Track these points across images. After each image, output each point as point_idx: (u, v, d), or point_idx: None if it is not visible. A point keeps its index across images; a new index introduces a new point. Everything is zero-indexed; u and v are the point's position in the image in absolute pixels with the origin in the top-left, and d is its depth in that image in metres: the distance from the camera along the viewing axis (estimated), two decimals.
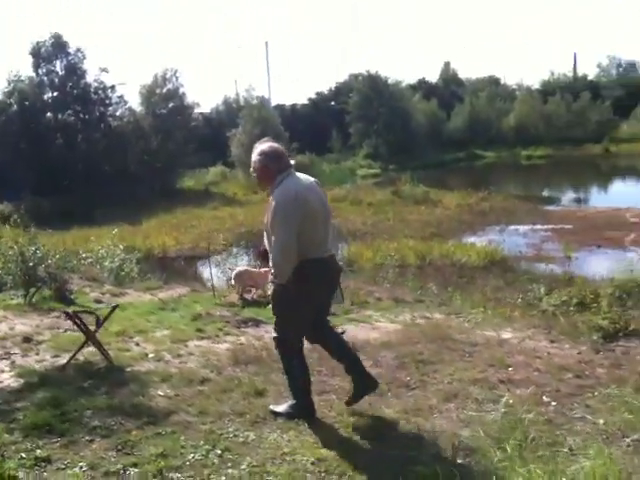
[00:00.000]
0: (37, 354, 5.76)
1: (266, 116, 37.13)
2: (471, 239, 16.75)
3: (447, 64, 68.49)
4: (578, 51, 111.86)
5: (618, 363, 5.12)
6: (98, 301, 8.53)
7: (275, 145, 4.12)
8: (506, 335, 6.27)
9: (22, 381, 4.92)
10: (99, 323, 5.44)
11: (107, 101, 32.64)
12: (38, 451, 3.59)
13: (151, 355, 5.71)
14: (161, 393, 4.60)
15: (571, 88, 56.74)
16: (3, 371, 5.23)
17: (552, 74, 64.69)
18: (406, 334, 6.41)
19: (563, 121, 50.43)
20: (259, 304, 8.56)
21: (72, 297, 8.43)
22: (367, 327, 7.04)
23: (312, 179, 4.19)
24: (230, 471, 3.36)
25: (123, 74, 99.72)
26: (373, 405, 4.29)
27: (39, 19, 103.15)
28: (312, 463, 3.44)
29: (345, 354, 4.31)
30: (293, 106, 60.08)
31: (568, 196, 27.27)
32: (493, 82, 64.95)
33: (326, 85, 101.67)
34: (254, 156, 4.07)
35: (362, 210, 22.60)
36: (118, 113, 33.56)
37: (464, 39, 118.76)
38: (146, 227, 21.52)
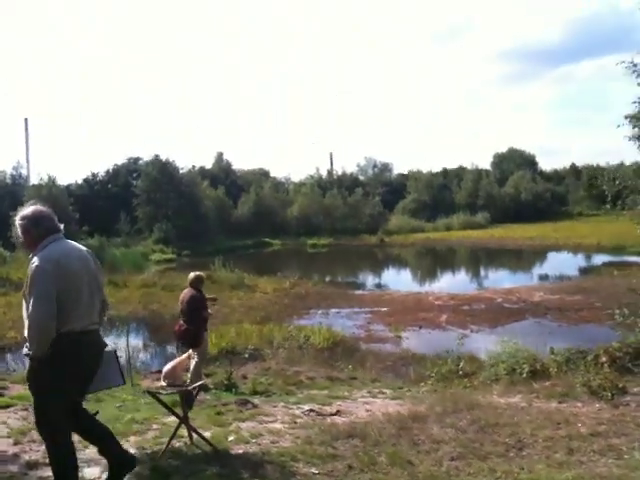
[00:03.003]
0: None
1: (56, 194, 34.74)
2: (301, 322, 17.28)
3: (220, 154, 70.75)
4: (334, 150, 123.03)
5: None
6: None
7: (40, 208, 3.88)
8: (504, 400, 6.62)
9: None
10: (189, 403, 4.76)
11: None
12: None
13: (231, 438, 5.15)
14: (315, 471, 4.34)
15: (341, 184, 62.71)
16: (89, 466, 4.35)
17: (317, 170, 70.51)
18: (431, 405, 6.45)
19: (340, 213, 55.24)
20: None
21: None
22: (365, 402, 6.99)
23: (85, 249, 3.98)
24: None
25: None
26: (521, 466, 4.37)
27: None
28: None
29: (98, 435, 4.03)
30: (67, 187, 56.72)
31: (364, 281, 29.63)
32: (263, 174, 68.80)
33: (100, 167, 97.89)
34: (17, 221, 3.83)
35: (177, 295, 21.87)
36: None
37: (235, 131, 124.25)
38: None
